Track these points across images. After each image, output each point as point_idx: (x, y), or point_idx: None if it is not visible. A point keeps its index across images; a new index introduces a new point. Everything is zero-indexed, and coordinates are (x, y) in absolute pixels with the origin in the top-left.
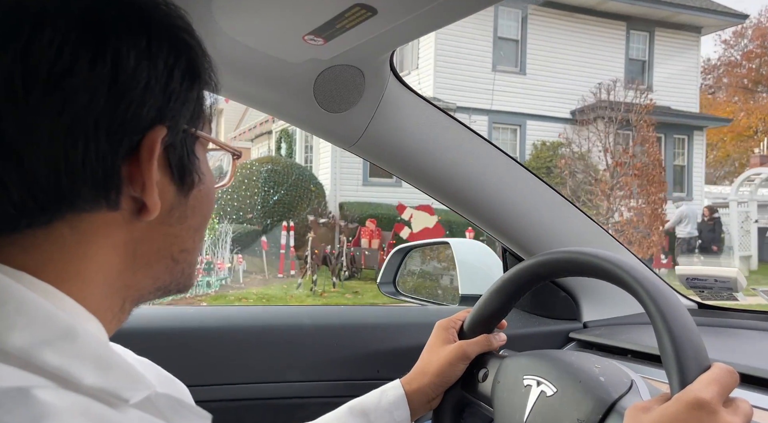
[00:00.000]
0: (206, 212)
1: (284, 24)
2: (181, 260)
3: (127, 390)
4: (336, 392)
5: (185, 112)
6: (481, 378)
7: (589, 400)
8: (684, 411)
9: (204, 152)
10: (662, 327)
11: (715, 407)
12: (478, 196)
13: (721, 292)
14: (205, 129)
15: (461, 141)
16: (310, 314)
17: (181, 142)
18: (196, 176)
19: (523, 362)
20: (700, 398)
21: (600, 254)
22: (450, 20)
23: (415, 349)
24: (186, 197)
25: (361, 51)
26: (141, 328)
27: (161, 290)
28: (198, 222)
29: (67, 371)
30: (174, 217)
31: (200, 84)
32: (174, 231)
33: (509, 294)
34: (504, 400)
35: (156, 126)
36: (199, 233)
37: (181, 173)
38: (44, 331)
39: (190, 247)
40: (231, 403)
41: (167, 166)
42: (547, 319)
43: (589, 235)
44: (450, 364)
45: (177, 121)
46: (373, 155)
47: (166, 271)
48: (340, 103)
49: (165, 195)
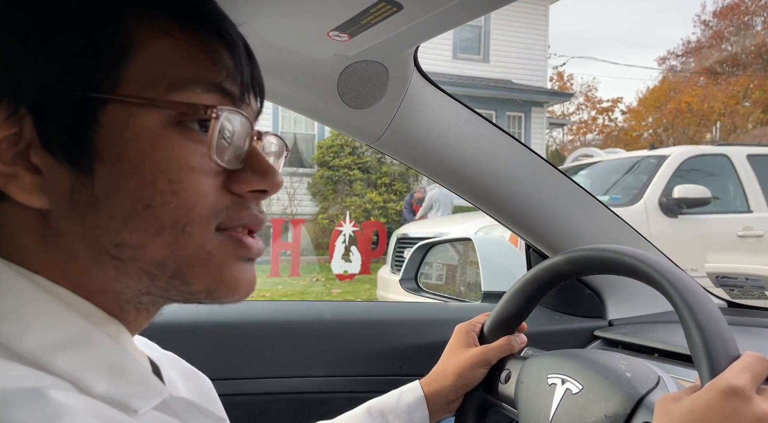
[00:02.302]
0: (141, 195)
1: (309, 20)
2: (127, 258)
3: (138, 399)
4: (358, 387)
5: (48, 71)
6: (504, 379)
7: (616, 395)
8: (717, 399)
9: (138, 117)
10: (689, 319)
11: (748, 393)
12: (502, 193)
13: (752, 291)
14: (129, 85)
15: (485, 137)
16: (333, 309)
17: (57, 111)
18: (94, 152)
19: (546, 361)
20: (733, 385)
21: (622, 250)
22: (475, 15)
23: (437, 345)
24: (89, 178)
25: (385, 47)
26: (167, 322)
27: (155, 296)
28: (127, 208)
29: (79, 378)
30: (81, 204)
31: (81, 26)
32: (91, 221)
33: (530, 295)
34: (528, 400)
35: None
36: (141, 223)
37: (67, 151)
38: (58, 335)
39: (129, 242)
40: (254, 397)
41: (41, 142)
42: (572, 317)
43: (615, 231)
44: (471, 368)
45: (28, 84)
46: (397, 151)
47: (122, 273)
48: (363, 99)
49: (56, 178)
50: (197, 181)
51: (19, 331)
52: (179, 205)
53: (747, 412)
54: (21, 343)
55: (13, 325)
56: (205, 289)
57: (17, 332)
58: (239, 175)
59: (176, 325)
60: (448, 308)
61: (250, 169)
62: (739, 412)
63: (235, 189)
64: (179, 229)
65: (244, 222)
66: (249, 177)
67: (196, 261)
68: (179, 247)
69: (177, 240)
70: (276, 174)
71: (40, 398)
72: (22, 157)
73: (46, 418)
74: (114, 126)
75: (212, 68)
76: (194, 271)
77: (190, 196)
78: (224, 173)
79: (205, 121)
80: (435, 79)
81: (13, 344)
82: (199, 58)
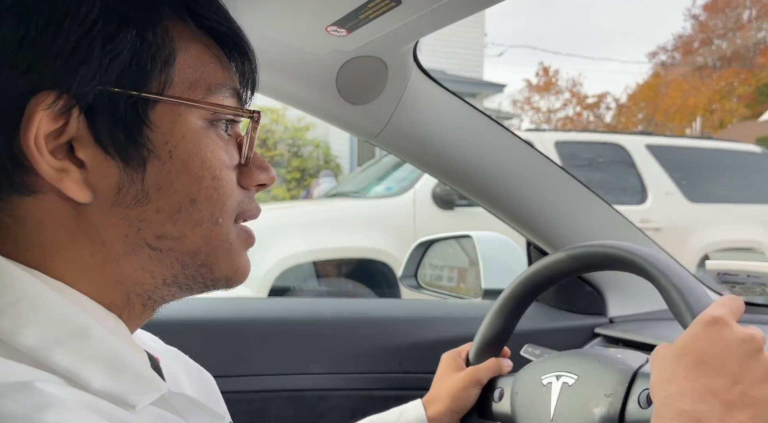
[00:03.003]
0: (189, 190)
1: (307, 15)
2: (166, 249)
3: (136, 394)
4: (358, 385)
5: (107, 69)
6: (497, 398)
7: (612, 374)
8: (702, 329)
9: (185, 117)
10: (667, 284)
11: (729, 321)
12: (502, 189)
13: (753, 288)
14: (176, 87)
15: (485, 133)
16: (333, 307)
17: (110, 108)
18: (148, 149)
19: (538, 367)
20: (714, 314)
21: (605, 244)
22: (475, 10)
23: (437, 343)
24: (140, 174)
25: (384, 42)
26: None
27: (176, 285)
28: (175, 203)
29: (77, 374)
30: (128, 199)
31: (137, 28)
32: (135, 214)
33: (510, 312)
34: (526, 406)
35: (37, 93)
36: (185, 216)
37: (119, 147)
38: (56, 329)
39: (172, 234)
40: (254, 394)
41: (94, 138)
42: (572, 314)
43: (615, 227)
44: (464, 389)
45: (86, 81)
46: (396, 147)
47: (155, 262)
48: (362, 94)
49: (103, 173)
50: (230, 177)
51: (16, 325)
52: (218, 199)
53: (731, 336)
54: (19, 338)
55: (11, 319)
56: (225, 276)
57: (15, 326)
58: (247, 171)
59: (176, 322)
60: (448, 305)
61: (254, 165)
62: (724, 336)
63: (244, 184)
64: (214, 222)
65: (252, 213)
66: (255, 172)
67: (221, 250)
68: (212, 238)
69: (211, 231)
70: (272, 169)
71: (29, 389)
72: (62, 151)
73: (35, 407)
74: (164, 125)
75: (232, 74)
76: (219, 260)
77: (226, 191)
78: (237, 169)
79: (229, 122)
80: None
81: (11, 339)
82: (224, 65)
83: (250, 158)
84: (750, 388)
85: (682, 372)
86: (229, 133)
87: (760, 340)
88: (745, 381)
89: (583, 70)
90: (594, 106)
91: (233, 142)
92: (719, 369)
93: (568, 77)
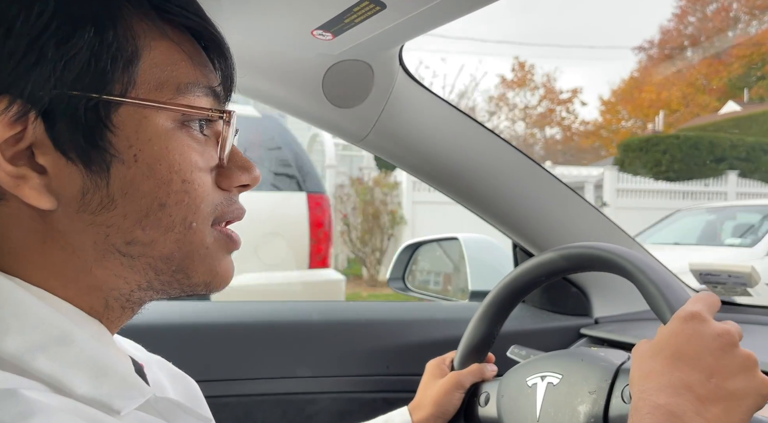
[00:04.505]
0: (157, 195)
1: (292, 19)
2: (137, 254)
3: (121, 399)
4: (346, 387)
5: (63, 72)
6: (483, 402)
7: (595, 371)
8: (679, 325)
9: (151, 119)
10: (644, 281)
11: (705, 316)
12: (488, 192)
13: (734, 288)
14: (141, 88)
15: (471, 136)
16: (320, 310)
17: (69, 112)
18: (110, 153)
19: (522, 369)
20: (691, 310)
21: (587, 245)
22: (460, 14)
23: (424, 345)
24: (104, 179)
25: (369, 46)
26: (153, 324)
27: (152, 290)
28: (143, 207)
29: (60, 380)
30: (94, 204)
31: (95, 27)
32: (102, 220)
33: (493, 317)
34: (512, 408)
35: None
36: (154, 220)
37: (80, 151)
38: (39, 336)
39: (141, 239)
40: (240, 398)
41: (53, 143)
42: (558, 315)
43: (600, 229)
44: (446, 394)
45: (40, 85)
46: (383, 151)
47: (127, 269)
48: (349, 98)
49: (66, 179)
50: (203, 179)
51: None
52: (190, 203)
53: (707, 331)
54: (0, 345)
55: None
56: (203, 281)
57: None
58: (226, 172)
59: (162, 326)
60: (435, 308)
61: (234, 165)
62: (700, 331)
63: (224, 185)
64: (187, 226)
65: (233, 215)
66: (235, 173)
67: (197, 255)
68: (185, 243)
69: (185, 236)
70: (256, 168)
71: (13, 397)
72: (22, 157)
73: (20, 415)
74: (129, 128)
75: (206, 71)
76: (195, 265)
77: (199, 195)
78: (215, 171)
79: (203, 122)
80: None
81: None
82: (196, 62)
83: (223, 158)
84: (724, 381)
85: (659, 367)
86: (205, 134)
87: (735, 335)
88: (720, 375)
89: (561, 64)
90: (567, 102)
91: (212, 143)
92: (695, 363)
93: (543, 72)
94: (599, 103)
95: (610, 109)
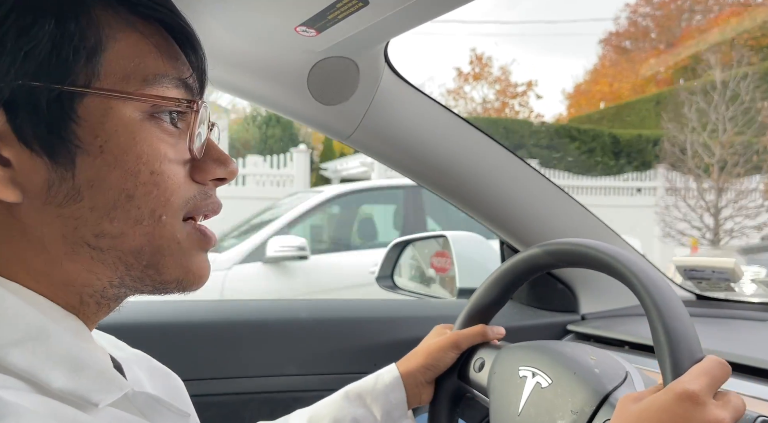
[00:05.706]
0: (124, 186)
1: (275, 15)
2: (107, 247)
3: (98, 392)
4: (334, 385)
5: (24, 63)
6: (477, 367)
7: (583, 391)
8: (672, 402)
9: (118, 110)
10: (656, 318)
11: (703, 399)
12: (475, 189)
13: (718, 283)
14: (107, 79)
15: (457, 133)
16: (308, 307)
17: (31, 103)
18: (75, 144)
19: (519, 353)
20: (689, 390)
21: (597, 246)
22: (444, 10)
23: (412, 342)
24: (70, 171)
25: (354, 42)
26: (137, 321)
27: (124, 287)
28: (110, 199)
29: (36, 375)
30: (60, 196)
31: (56, 18)
32: (69, 212)
33: (506, 285)
34: (500, 390)
35: None
36: (122, 213)
37: (44, 143)
38: (14, 331)
39: (110, 232)
40: (228, 397)
41: (17, 135)
42: (545, 312)
43: (587, 226)
44: (440, 350)
45: (0, 76)
46: (369, 148)
47: (98, 263)
48: (334, 95)
49: (30, 171)
50: (174, 171)
51: None
52: (159, 195)
53: (698, 417)
54: None
55: None
56: (175, 278)
57: None
58: (201, 164)
59: (148, 325)
60: (422, 305)
61: (209, 158)
62: (691, 416)
63: (198, 178)
64: (156, 219)
65: (208, 209)
66: (210, 166)
67: (167, 250)
68: (155, 237)
69: (154, 229)
70: (233, 162)
71: None
72: None
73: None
74: (94, 119)
75: (177, 64)
76: (166, 260)
77: (169, 187)
78: (189, 163)
79: (174, 114)
80: None
81: None
82: (165, 54)
83: (193, 150)
84: None
85: None
86: (178, 126)
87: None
88: None
89: (519, 57)
90: (522, 95)
91: (185, 135)
92: None
93: (499, 65)
94: (563, 97)
95: (573, 103)
